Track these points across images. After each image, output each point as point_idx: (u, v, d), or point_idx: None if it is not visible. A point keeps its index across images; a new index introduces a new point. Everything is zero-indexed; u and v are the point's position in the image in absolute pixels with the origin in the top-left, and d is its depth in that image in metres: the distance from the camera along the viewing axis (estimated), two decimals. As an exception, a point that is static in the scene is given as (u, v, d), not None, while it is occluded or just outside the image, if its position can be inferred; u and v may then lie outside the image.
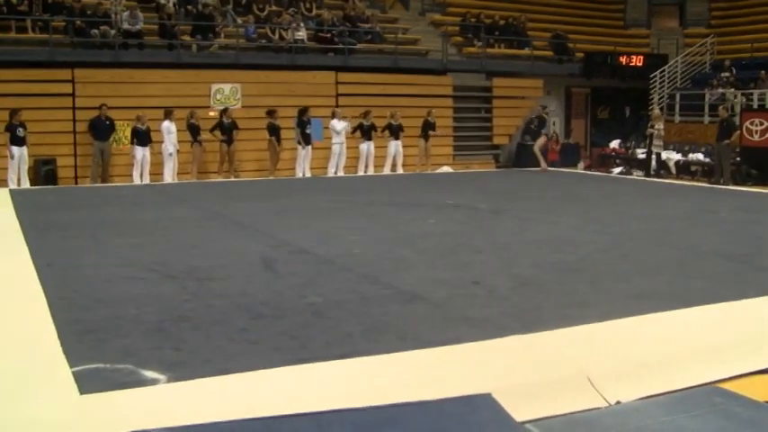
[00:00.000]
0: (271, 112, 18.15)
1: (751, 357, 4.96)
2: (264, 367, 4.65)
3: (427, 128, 19.90)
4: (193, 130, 17.45)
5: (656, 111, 20.90)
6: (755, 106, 20.04)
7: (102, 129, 17.05)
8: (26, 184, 16.21)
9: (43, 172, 16.75)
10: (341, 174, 19.05)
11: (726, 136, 18.09)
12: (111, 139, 17.25)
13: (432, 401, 4.01)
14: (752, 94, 20.59)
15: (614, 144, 22.83)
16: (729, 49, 24.80)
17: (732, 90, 21.18)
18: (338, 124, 18.67)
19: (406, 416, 3.76)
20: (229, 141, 17.84)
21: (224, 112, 17.99)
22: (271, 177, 18.18)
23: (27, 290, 6.75)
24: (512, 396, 4.13)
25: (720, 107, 19.16)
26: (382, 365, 4.77)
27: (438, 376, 4.55)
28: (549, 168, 20.60)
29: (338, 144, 18.84)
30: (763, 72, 20.89)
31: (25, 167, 16.30)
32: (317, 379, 4.53)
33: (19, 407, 4.07)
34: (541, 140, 20.43)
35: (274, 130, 18.09)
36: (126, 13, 18.63)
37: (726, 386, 4.45)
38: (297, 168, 18.62)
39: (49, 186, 16.41)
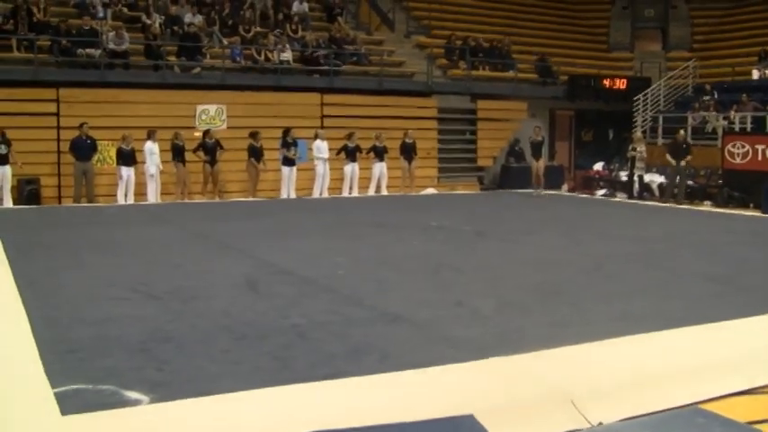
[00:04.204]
0: (253, 135, 18.14)
1: (732, 378, 4.99)
2: (247, 388, 4.64)
3: (406, 149, 19.95)
4: (177, 150, 17.42)
5: (638, 133, 21.03)
6: (737, 129, 20.20)
7: (83, 148, 16.73)
8: (9, 204, 16.11)
9: (26, 191, 16.63)
10: (326, 195, 19.05)
11: (683, 156, 18.63)
12: (95, 159, 17.15)
13: (415, 423, 4.02)
14: (733, 117, 20.76)
15: (598, 166, 22.92)
16: (711, 73, 25.04)
17: (714, 113, 21.34)
18: (321, 145, 18.74)
19: (388, 437, 3.76)
20: (212, 162, 17.81)
21: (206, 132, 17.97)
22: (251, 198, 18.16)
23: (9, 309, 6.71)
24: (494, 417, 4.14)
25: (681, 130, 19.61)
26: (365, 386, 4.77)
27: (421, 397, 4.54)
28: (531, 190, 20.63)
29: (322, 165, 18.88)
30: (743, 95, 21.08)
31: (8, 186, 16.21)
32: (300, 400, 4.52)
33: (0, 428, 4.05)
34: (541, 162, 20.46)
35: (254, 152, 18.10)
36: (112, 34, 18.63)
37: (708, 407, 4.47)
38: (282, 189, 18.63)
39: (33, 206, 16.31)
